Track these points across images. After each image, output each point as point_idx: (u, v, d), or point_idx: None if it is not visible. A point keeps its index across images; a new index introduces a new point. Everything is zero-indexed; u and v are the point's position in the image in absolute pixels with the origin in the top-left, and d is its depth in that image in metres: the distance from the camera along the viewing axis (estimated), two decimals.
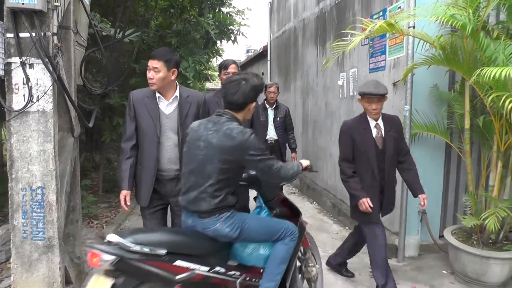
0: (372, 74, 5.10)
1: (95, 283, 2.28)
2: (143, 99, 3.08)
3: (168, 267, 2.37)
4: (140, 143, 3.12)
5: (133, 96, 3.12)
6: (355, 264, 4.24)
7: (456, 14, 3.49)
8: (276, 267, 2.72)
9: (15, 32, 3.03)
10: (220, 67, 4.05)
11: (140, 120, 3.07)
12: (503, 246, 3.73)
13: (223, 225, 2.52)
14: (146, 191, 3.13)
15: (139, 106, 3.08)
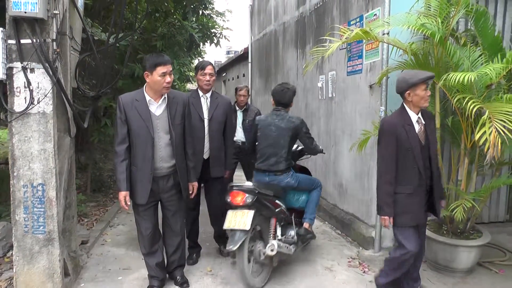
0: (350, 77, 5.41)
1: (234, 215, 3.58)
2: (132, 102, 3.31)
3: (273, 203, 3.96)
4: (133, 144, 3.33)
5: (122, 100, 3.32)
6: None
7: (427, 23, 3.81)
8: (314, 207, 4.32)
9: (16, 38, 3.22)
10: (197, 68, 4.23)
11: (132, 122, 3.29)
12: (470, 235, 4.08)
13: (291, 179, 4.08)
14: (143, 189, 3.37)
15: (129, 109, 3.29)
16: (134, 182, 3.37)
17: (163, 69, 3.21)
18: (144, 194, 3.37)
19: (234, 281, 3.95)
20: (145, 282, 3.89)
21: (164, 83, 3.25)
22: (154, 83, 3.26)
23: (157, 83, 3.25)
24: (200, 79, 4.16)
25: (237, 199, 3.63)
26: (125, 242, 4.99)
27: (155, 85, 3.27)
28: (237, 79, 13.94)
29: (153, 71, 3.23)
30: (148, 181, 3.35)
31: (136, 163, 3.35)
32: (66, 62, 3.70)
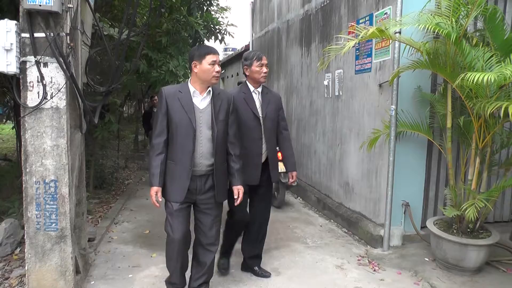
0: (358, 76, 5.40)
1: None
2: (175, 94, 3.15)
3: None
4: (173, 138, 3.16)
5: (165, 92, 3.17)
6: None
7: (441, 22, 3.81)
8: None
9: (30, 32, 3.17)
10: (250, 58, 3.75)
11: (174, 114, 3.12)
12: (479, 235, 4.09)
13: None
14: (181, 186, 3.15)
15: (172, 100, 3.14)
16: (171, 178, 3.17)
17: (213, 58, 3.10)
18: (181, 191, 3.15)
19: (246, 279, 3.93)
20: (156, 279, 3.86)
21: (213, 72, 3.11)
22: (204, 72, 3.10)
23: (206, 72, 3.10)
24: (256, 71, 3.73)
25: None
26: (132, 239, 4.95)
27: (204, 74, 3.11)
28: (236, 76, 13.89)
29: (202, 59, 3.09)
30: (187, 177, 3.15)
31: (174, 158, 3.16)
32: (77, 57, 3.65)
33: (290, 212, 6.46)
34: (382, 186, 4.79)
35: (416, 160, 4.74)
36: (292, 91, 8.10)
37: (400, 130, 4.57)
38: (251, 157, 3.66)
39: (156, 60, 6.60)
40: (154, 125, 3.20)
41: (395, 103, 4.47)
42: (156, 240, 4.88)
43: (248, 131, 3.66)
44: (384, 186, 4.67)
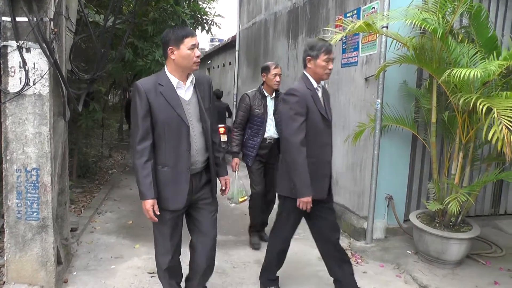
0: (344, 69, 5.41)
1: None
2: (155, 88, 2.68)
3: None
4: (160, 139, 2.72)
5: (143, 87, 2.66)
6: None
7: (428, 18, 3.83)
8: None
9: (12, 15, 3.08)
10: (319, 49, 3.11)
11: (158, 112, 2.67)
12: (461, 228, 4.16)
13: None
14: (180, 192, 2.76)
15: (153, 96, 2.67)
16: (165, 185, 2.74)
17: (191, 41, 2.66)
18: (181, 198, 2.77)
19: (228, 271, 3.94)
20: (138, 271, 3.84)
21: (194, 58, 2.69)
22: (183, 58, 2.66)
23: (186, 58, 2.66)
24: (321, 66, 3.11)
25: None
26: (115, 230, 4.91)
27: (184, 61, 2.67)
28: (222, 67, 13.81)
29: (180, 44, 2.64)
30: (185, 181, 2.75)
31: (167, 162, 2.73)
32: (62, 43, 3.58)
33: (275, 204, 6.44)
34: (366, 179, 4.83)
35: (400, 154, 4.79)
36: None
37: (385, 124, 4.60)
38: (320, 166, 3.16)
39: (142, 49, 6.52)
40: (134, 127, 2.71)
41: (380, 97, 4.49)
42: (139, 231, 4.85)
43: (317, 136, 3.13)
44: (368, 179, 4.71)
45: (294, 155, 2.99)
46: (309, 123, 3.06)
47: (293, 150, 2.99)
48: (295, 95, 3.02)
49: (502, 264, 4.24)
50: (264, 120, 4.42)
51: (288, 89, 3.12)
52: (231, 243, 4.63)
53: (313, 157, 3.09)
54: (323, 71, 3.12)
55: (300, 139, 2.99)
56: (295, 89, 3.07)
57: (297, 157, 2.98)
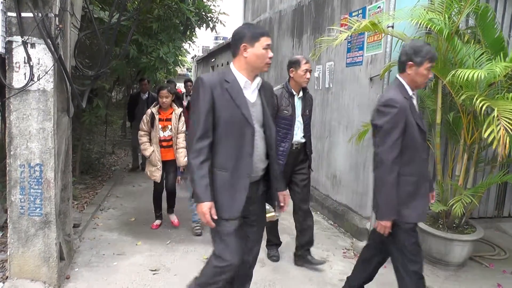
0: (349, 68, 5.39)
1: None
2: (221, 84, 2.51)
3: None
4: (221, 140, 2.51)
5: (208, 81, 2.49)
6: None
7: (434, 18, 3.81)
8: None
9: (17, 11, 3.08)
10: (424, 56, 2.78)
11: (222, 109, 2.48)
12: (464, 230, 4.14)
13: None
14: (238, 198, 2.52)
15: (218, 92, 2.48)
16: (221, 190, 2.50)
17: (267, 40, 2.51)
18: (237, 206, 2.51)
19: None
20: (140, 268, 3.84)
21: (267, 58, 2.55)
22: (257, 57, 2.50)
23: (260, 57, 2.50)
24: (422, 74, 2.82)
25: None
26: (117, 227, 4.91)
27: (257, 61, 2.51)
28: (226, 65, 13.81)
29: (255, 42, 2.48)
30: (244, 187, 2.51)
31: (226, 165, 2.50)
32: (66, 39, 3.58)
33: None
34: (369, 179, 4.80)
35: None
36: (282, 82, 8.04)
37: None
38: (421, 185, 2.86)
39: (146, 46, 6.51)
40: (193, 124, 2.49)
41: None
42: (141, 228, 4.85)
43: (416, 151, 2.80)
44: (372, 179, 4.67)
45: (384, 173, 2.71)
46: (407, 137, 2.74)
47: (383, 168, 2.71)
48: (394, 107, 2.68)
49: (505, 266, 4.22)
50: (293, 123, 3.88)
51: (385, 99, 2.75)
52: None
53: (414, 175, 2.80)
54: (423, 80, 2.83)
55: (394, 156, 2.70)
56: (394, 99, 2.71)
57: (386, 176, 2.71)
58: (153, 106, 4.86)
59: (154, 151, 4.74)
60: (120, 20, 4.20)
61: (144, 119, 4.82)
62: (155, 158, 4.74)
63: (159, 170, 4.75)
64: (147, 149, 4.76)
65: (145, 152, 4.77)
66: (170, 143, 4.83)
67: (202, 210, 2.42)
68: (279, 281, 3.77)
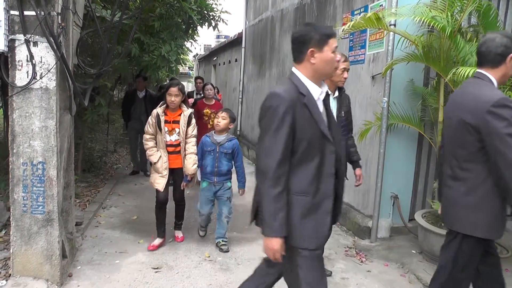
0: (351, 67, 5.34)
1: None
2: (299, 99, 2.13)
3: None
4: (302, 161, 2.16)
5: (290, 98, 2.09)
6: None
7: (436, 16, 3.80)
8: None
9: (20, 9, 3.09)
10: None
11: (303, 128, 2.12)
12: None
13: None
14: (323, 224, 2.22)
15: (299, 109, 2.12)
16: (304, 217, 2.17)
17: (335, 42, 2.16)
18: (323, 231, 2.23)
19: (233, 267, 3.94)
20: (143, 266, 3.85)
21: (336, 63, 2.26)
22: (326, 63, 2.16)
23: (329, 63, 2.17)
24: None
25: None
26: (119, 225, 4.91)
27: (326, 67, 2.18)
28: (228, 64, 13.80)
29: (324, 45, 2.12)
30: (327, 210, 2.21)
31: (306, 189, 2.16)
32: (68, 37, 3.58)
33: None
34: (371, 178, 4.80)
35: (406, 153, 4.76)
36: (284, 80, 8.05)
37: (392, 122, 4.57)
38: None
39: (148, 45, 6.50)
40: (273, 148, 2.09)
41: (387, 95, 4.47)
42: (143, 226, 4.85)
43: None
44: (374, 177, 4.68)
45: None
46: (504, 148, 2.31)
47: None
48: (510, 107, 2.32)
49: (507, 265, 4.20)
50: None
51: (497, 98, 2.34)
52: (235, 239, 4.63)
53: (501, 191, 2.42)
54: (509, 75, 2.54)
55: None
56: (506, 98, 2.36)
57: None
58: (160, 106, 4.28)
59: (161, 157, 4.23)
60: (122, 18, 4.19)
61: (150, 120, 4.26)
62: (162, 165, 4.23)
63: (164, 178, 4.23)
64: (153, 154, 4.23)
65: (151, 158, 4.25)
66: (177, 149, 4.28)
67: (275, 247, 2.11)
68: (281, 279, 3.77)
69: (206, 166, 4.34)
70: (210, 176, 4.34)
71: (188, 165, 4.24)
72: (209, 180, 4.36)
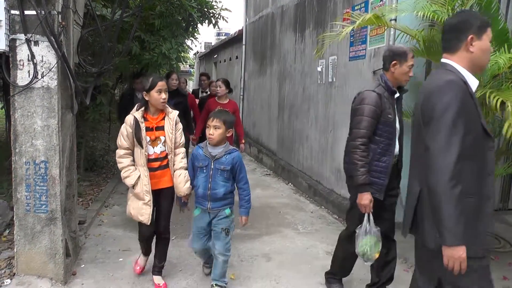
0: (352, 62, 5.38)
1: None
2: (466, 88, 2.00)
3: None
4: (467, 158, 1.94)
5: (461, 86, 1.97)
6: None
7: (437, 10, 3.79)
8: None
9: (20, 9, 3.09)
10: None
11: (471, 122, 1.96)
12: None
13: None
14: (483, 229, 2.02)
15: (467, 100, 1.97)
16: (470, 221, 1.96)
17: (491, 33, 2.09)
18: (484, 237, 2.03)
19: (236, 264, 3.95)
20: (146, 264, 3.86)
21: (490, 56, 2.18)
22: (483, 53, 2.05)
23: (487, 53, 2.08)
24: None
25: None
26: (122, 223, 4.93)
27: (483, 57, 2.07)
28: (229, 61, 13.79)
29: (483, 34, 2.04)
30: (490, 212, 2.03)
31: (471, 189, 1.97)
32: (69, 36, 3.58)
33: (281, 198, 6.47)
34: None
35: (408, 147, 4.74)
36: (285, 76, 8.06)
37: None
38: None
39: (148, 43, 6.50)
40: (448, 140, 1.90)
41: None
42: None
43: None
44: None
45: None
46: None
47: None
48: None
49: (511, 259, 4.21)
50: (395, 130, 3.16)
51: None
52: (238, 237, 4.63)
53: None
54: None
55: None
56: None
57: None
58: (136, 108, 3.33)
59: (141, 178, 3.24)
60: (123, 17, 4.18)
61: (123, 130, 3.27)
62: (142, 188, 3.23)
63: (149, 206, 3.26)
64: (130, 175, 3.25)
65: (127, 181, 3.26)
66: (164, 163, 3.34)
67: (462, 255, 1.89)
68: (285, 275, 3.78)
69: (197, 187, 3.29)
70: (203, 201, 3.28)
71: (179, 184, 3.30)
72: (202, 206, 3.30)
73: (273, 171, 8.55)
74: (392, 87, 3.10)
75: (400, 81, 3.14)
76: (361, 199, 2.96)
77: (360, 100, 3.07)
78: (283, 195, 6.66)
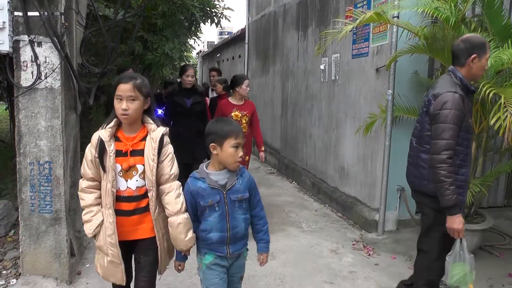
0: (355, 60, 5.37)
1: None
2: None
3: None
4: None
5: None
6: None
7: (440, 7, 3.78)
8: None
9: (24, 10, 3.11)
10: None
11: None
12: (474, 219, 4.12)
13: None
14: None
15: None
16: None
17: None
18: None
19: None
20: None
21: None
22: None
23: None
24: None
25: None
26: None
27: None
28: (232, 60, 13.80)
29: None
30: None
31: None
32: (72, 37, 3.60)
33: (285, 196, 6.47)
34: (377, 171, 4.80)
35: None
36: (288, 75, 8.05)
37: (397, 114, 4.56)
38: None
39: (151, 43, 6.53)
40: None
41: (392, 88, 4.45)
42: None
43: None
44: (380, 170, 4.68)
45: None
46: None
47: None
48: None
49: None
50: (471, 137, 3.00)
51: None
52: None
53: None
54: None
55: None
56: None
57: None
58: (104, 125, 2.32)
59: (104, 225, 2.28)
60: (125, 17, 4.20)
61: (87, 153, 2.30)
62: (105, 239, 2.29)
63: (118, 263, 2.32)
64: (91, 220, 2.31)
65: (85, 228, 2.35)
66: (142, 204, 2.33)
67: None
68: (290, 274, 3.78)
69: (207, 232, 2.33)
70: (219, 247, 2.35)
71: (179, 235, 2.28)
72: (219, 253, 2.36)
73: (276, 170, 8.55)
74: (470, 85, 2.73)
75: (476, 78, 2.80)
76: (454, 222, 2.59)
77: (441, 104, 2.60)
78: (287, 194, 6.66)
